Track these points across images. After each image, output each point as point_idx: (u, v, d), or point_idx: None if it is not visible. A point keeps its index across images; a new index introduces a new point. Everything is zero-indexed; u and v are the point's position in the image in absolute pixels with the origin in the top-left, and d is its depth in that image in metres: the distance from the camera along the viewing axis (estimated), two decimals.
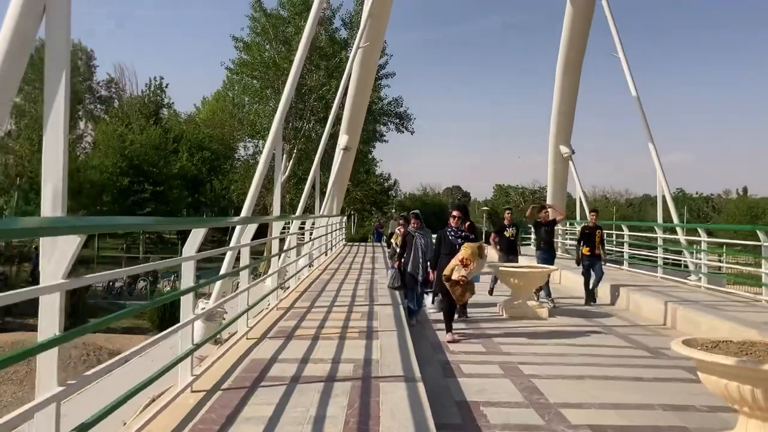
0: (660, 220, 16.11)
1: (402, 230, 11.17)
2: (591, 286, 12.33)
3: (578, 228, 16.66)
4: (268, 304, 8.97)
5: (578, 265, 12.56)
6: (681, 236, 15.09)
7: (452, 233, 8.62)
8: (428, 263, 9.14)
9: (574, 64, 19.68)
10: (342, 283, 12.30)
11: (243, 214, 10.34)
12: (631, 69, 16.60)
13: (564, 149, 21.49)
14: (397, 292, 9.98)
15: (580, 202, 22.07)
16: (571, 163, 21.68)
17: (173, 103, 55.64)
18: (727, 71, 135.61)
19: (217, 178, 49.99)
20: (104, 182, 35.32)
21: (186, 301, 4.88)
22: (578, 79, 20.16)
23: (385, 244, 35.35)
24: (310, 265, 14.62)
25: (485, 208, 57.48)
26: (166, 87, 49.49)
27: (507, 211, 13.20)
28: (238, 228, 8.85)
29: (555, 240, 13.27)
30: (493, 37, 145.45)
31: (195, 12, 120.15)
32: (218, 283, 9.17)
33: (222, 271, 9.26)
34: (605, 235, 13.55)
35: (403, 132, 37.62)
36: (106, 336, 21.63)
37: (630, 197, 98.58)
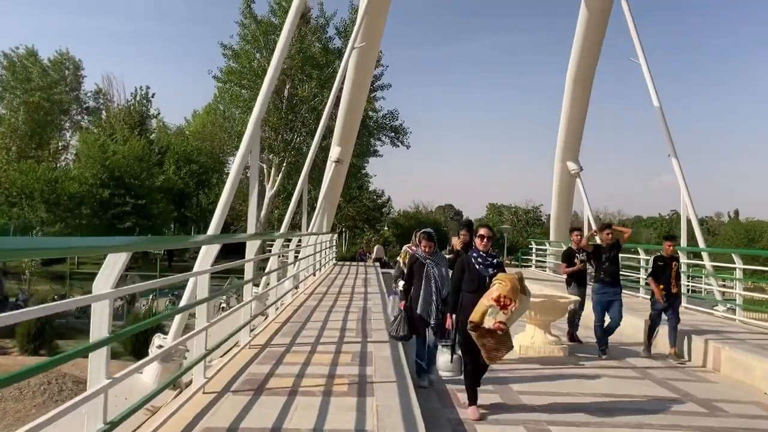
0: (684, 243, 14.67)
1: (412, 249, 8.23)
2: (656, 334, 9.63)
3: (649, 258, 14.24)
4: (238, 342, 7.42)
5: (661, 303, 9.41)
6: (707, 262, 13.65)
7: (479, 259, 6.12)
8: (445, 303, 6.71)
9: (585, 74, 18.35)
10: (330, 312, 10.74)
11: (210, 231, 8.86)
12: (652, 77, 15.13)
13: (572, 166, 20.13)
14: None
15: (588, 223, 20.62)
16: (578, 180, 20.30)
17: (159, 113, 54.16)
18: (714, 93, 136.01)
19: (204, 192, 48.40)
20: (83, 194, 33.58)
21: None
22: (590, 90, 18.84)
23: (371, 261, 34.09)
24: (296, 287, 13.06)
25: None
26: (152, 97, 48.03)
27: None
28: (203, 249, 7.28)
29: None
30: (487, 57, 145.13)
31: (189, 25, 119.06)
32: (177, 317, 7.58)
33: (182, 302, 7.68)
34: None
35: (398, 146, 36.18)
36: (73, 361, 19.82)
37: (623, 218, 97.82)
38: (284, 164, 31.80)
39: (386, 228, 58.42)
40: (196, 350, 5.71)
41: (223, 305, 26.75)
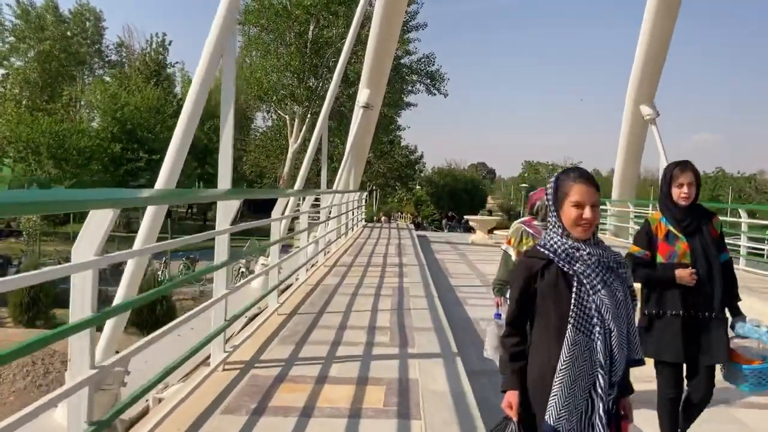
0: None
1: (534, 229, 4.00)
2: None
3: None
4: (208, 357, 4.66)
5: None
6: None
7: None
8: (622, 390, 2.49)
9: None
10: (351, 303, 7.80)
11: (221, 185, 6.27)
12: None
13: (647, 110, 16.69)
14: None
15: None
16: (654, 128, 16.89)
17: (179, 64, 51.25)
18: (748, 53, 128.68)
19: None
20: (93, 149, 31.15)
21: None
22: (676, 14, 15.26)
23: (410, 224, 31.00)
24: (310, 264, 10.21)
25: (523, 184, 52.17)
26: (169, 45, 44.87)
27: None
28: (219, 206, 4.98)
29: None
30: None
31: None
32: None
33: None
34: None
35: (434, 94, 32.52)
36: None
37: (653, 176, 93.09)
38: (308, 115, 28.72)
39: (419, 186, 55.23)
40: (214, 322, 4.67)
41: (243, 270, 24.23)
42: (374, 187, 45.86)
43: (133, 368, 5.88)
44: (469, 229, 34.24)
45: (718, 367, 3.80)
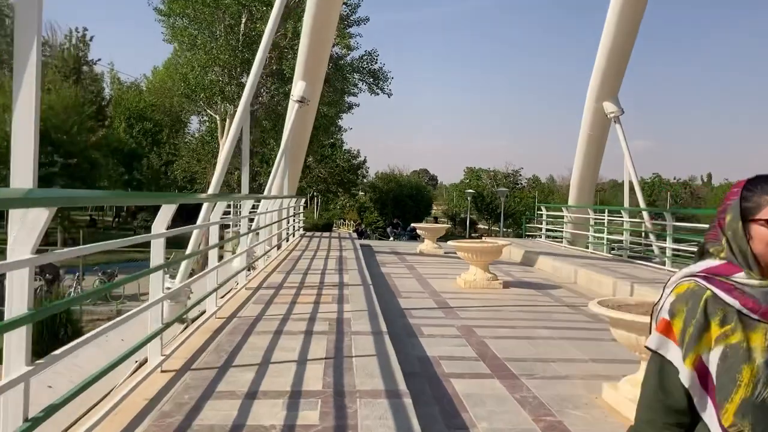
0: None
1: (718, 280, 1.58)
2: None
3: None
4: None
5: None
6: None
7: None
8: None
9: None
10: (271, 348, 5.77)
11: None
12: None
13: (611, 107, 15.30)
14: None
15: (630, 186, 15.73)
16: (618, 126, 15.51)
17: (99, 60, 47.69)
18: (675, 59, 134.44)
19: (157, 153, 42.76)
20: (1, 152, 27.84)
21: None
22: (644, 5, 13.85)
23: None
24: (216, 296, 8.11)
25: (470, 190, 50.81)
26: (90, 41, 41.49)
27: None
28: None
29: None
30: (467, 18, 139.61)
31: None
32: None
33: None
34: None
35: (378, 94, 30.54)
36: None
37: (600, 181, 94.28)
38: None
39: (362, 192, 53.27)
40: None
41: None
42: (315, 193, 43.64)
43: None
44: (415, 237, 32.63)
45: None
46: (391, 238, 38.83)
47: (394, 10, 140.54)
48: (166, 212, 4.75)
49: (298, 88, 15.48)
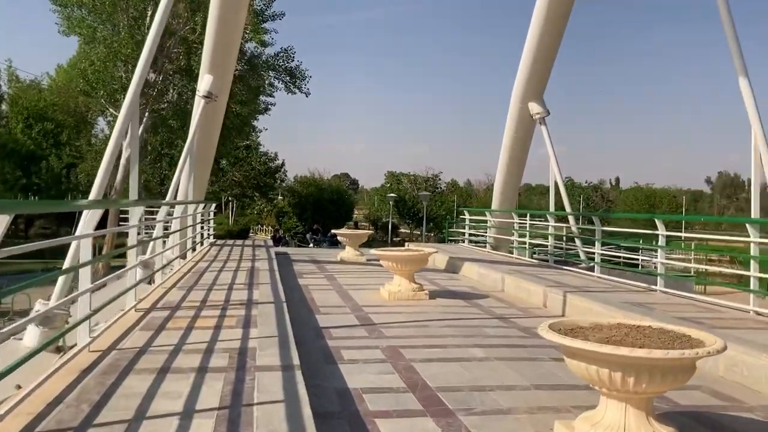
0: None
1: None
2: None
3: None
4: None
5: None
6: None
7: None
8: None
9: None
10: (151, 395, 4.61)
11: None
12: None
13: (536, 108, 14.85)
14: None
15: (556, 188, 15.32)
16: (543, 128, 15.09)
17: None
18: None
19: (56, 154, 39.82)
20: None
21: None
22: (571, 5, 13.42)
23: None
24: (101, 318, 6.81)
25: (391, 194, 50.14)
26: None
27: None
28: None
29: None
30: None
31: None
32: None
33: None
34: None
35: (295, 93, 29.19)
36: None
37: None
38: (147, 113, 24.33)
39: (281, 197, 51.62)
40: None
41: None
42: (230, 198, 41.71)
43: None
44: (336, 243, 31.55)
45: None
46: (311, 245, 37.55)
47: (318, 12, 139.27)
48: (92, 216, 4.06)
49: (204, 82, 14.13)
